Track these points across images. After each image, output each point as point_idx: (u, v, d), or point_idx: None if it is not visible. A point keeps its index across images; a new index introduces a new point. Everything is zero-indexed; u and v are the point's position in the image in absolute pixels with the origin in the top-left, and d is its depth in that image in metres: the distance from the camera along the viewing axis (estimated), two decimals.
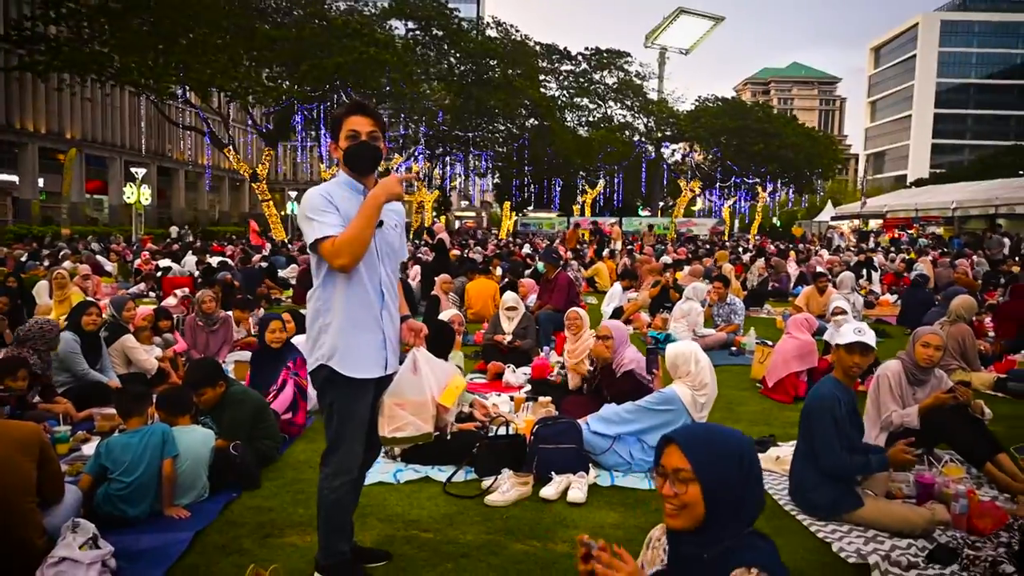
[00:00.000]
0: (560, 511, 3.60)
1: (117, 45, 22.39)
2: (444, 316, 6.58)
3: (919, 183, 59.89)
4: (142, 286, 12.18)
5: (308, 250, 2.66)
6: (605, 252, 19.03)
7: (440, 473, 4.06)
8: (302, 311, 7.21)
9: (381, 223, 2.70)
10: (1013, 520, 3.16)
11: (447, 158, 40.28)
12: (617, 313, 9.92)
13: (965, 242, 25.95)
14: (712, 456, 1.69)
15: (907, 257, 16.95)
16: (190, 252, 16.78)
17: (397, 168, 35.60)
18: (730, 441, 1.74)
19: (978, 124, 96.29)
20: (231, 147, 28.93)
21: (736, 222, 47.30)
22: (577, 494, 3.69)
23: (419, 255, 15.20)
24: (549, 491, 3.73)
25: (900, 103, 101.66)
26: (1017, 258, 17.17)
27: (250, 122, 31.26)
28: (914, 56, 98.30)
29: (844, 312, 6.89)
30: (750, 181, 42.67)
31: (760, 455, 4.28)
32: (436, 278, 9.40)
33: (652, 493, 3.83)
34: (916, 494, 3.62)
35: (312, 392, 5.27)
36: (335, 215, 2.57)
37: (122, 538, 3.11)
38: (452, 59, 35.30)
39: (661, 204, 49.65)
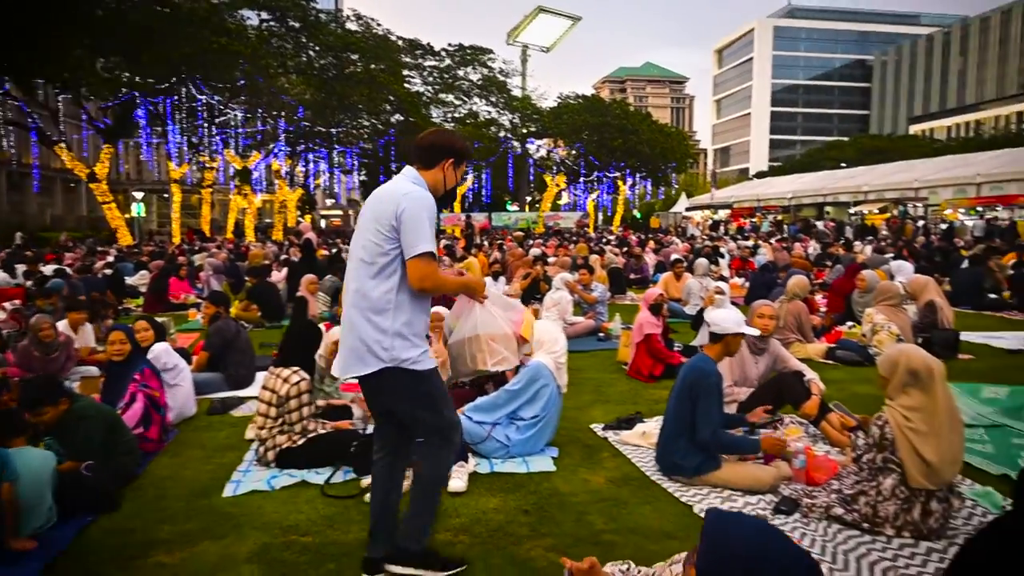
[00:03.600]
0: (441, 501, 3.64)
1: None
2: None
3: (760, 175, 65.42)
4: None
5: (409, 251, 2.59)
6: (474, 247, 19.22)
7: (317, 476, 3.98)
8: (158, 318, 6.78)
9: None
10: (842, 469, 3.58)
11: (310, 155, 38.87)
12: None
13: (799, 228, 28.71)
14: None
15: (750, 244, 18.46)
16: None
17: (256, 166, 33.99)
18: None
19: (807, 121, 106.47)
20: (63, 144, 26.21)
21: (600, 215, 49.31)
22: (458, 483, 3.75)
23: (285, 256, 14.60)
24: None
25: (741, 102, 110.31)
26: (842, 241, 19.18)
27: (85, 117, 28.44)
28: (751, 59, 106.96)
29: (723, 292, 7.37)
30: (611, 175, 44.67)
31: (627, 431, 4.56)
32: (302, 279, 9.11)
33: (530, 477, 3.97)
34: (763, 455, 4.00)
35: (173, 404, 4.97)
36: None
37: None
38: (311, 52, 34.05)
39: (528, 199, 50.74)
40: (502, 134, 44.37)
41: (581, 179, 45.74)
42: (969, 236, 20.70)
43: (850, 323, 7.83)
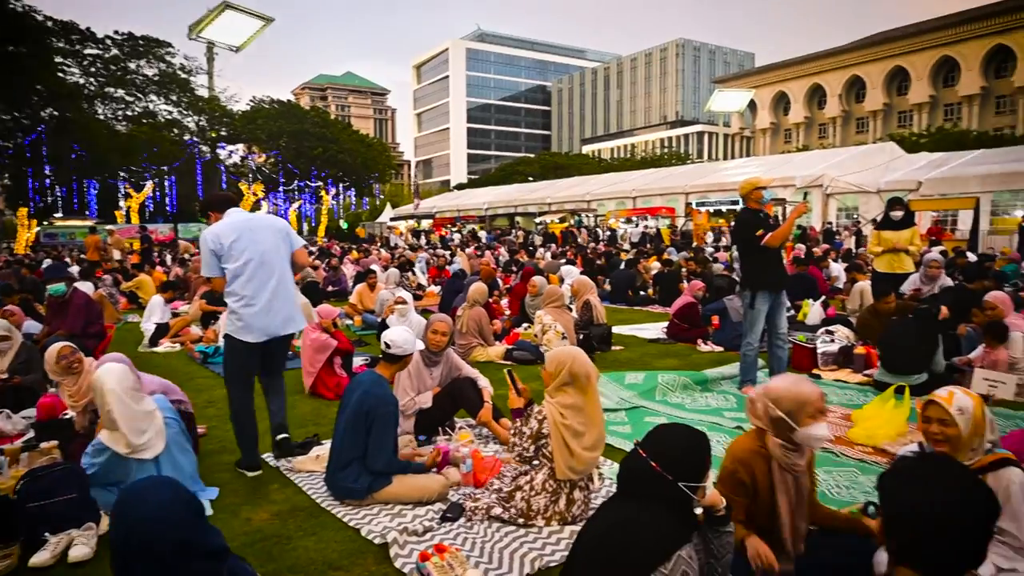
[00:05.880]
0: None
1: None
2: None
3: (460, 187, 69.23)
4: None
5: (299, 245, 4.33)
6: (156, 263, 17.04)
7: None
8: None
9: None
10: (504, 467, 3.77)
11: None
12: (163, 330, 8.94)
13: (494, 236, 30.89)
14: None
15: (447, 253, 19.29)
16: None
17: None
18: None
19: (499, 138, 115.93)
20: None
21: (304, 225, 47.58)
22: (82, 550, 3.11)
23: None
24: (43, 556, 3.07)
25: (440, 117, 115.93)
26: (530, 248, 21.08)
27: None
28: (448, 77, 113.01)
29: (405, 302, 7.38)
30: (313, 184, 43.36)
31: (301, 457, 4.29)
32: None
33: None
34: (436, 464, 4.05)
35: None
36: None
37: None
38: None
39: None
40: (187, 137, 40.37)
41: (281, 188, 43.64)
42: (626, 243, 24.23)
43: (526, 324, 8.50)
